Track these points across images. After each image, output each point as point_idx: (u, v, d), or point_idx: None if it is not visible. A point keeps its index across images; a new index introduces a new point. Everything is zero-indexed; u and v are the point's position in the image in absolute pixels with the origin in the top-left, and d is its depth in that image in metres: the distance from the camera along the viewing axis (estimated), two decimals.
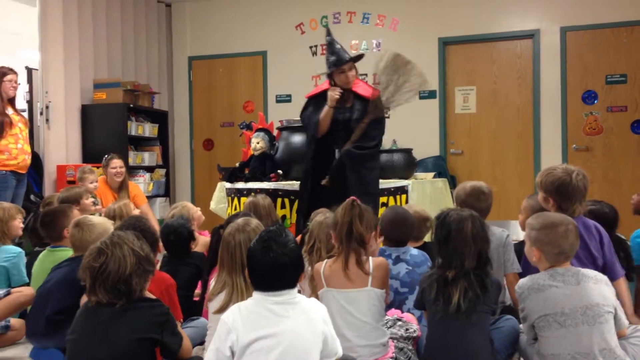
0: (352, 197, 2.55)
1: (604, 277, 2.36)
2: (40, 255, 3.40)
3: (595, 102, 6.58)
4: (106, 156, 5.52)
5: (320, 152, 4.14)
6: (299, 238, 3.31)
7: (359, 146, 3.94)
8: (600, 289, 2.29)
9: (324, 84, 4.22)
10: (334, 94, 4.00)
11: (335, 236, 2.55)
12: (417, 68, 4.07)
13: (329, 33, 4.13)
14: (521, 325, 2.52)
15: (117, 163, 5.45)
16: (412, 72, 4.04)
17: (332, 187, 3.93)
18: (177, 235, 3.39)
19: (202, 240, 3.99)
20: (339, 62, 4.00)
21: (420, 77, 4.06)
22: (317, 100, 4.17)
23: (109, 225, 3.05)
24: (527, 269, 2.75)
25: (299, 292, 2.09)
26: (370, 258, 2.53)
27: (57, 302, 2.81)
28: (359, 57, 4.08)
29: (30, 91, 6.28)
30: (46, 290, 2.89)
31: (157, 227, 3.50)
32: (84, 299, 2.74)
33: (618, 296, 2.71)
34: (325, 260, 2.56)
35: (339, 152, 4.02)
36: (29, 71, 6.29)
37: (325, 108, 4.04)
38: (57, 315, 2.80)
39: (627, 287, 2.82)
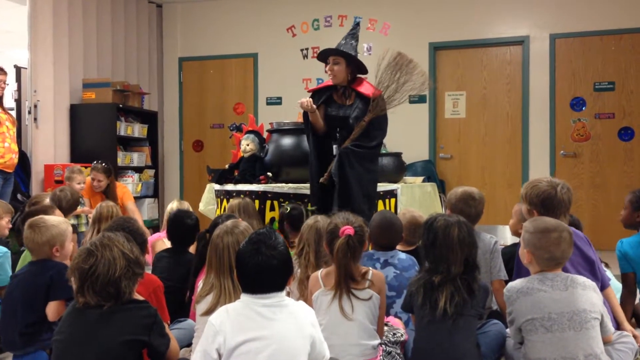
0: (347, 233, 2.43)
1: (592, 284, 2.38)
2: (22, 256, 3.33)
3: (584, 108, 6.63)
4: (94, 162, 5.49)
5: (320, 150, 4.05)
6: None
7: (357, 145, 3.86)
8: (588, 295, 2.31)
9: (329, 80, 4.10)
10: (303, 102, 3.89)
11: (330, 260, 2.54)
12: (419, 67, 4.03)
13: (354, 27, 4.09)
14: (508, 330, 2.54)
15: (97, 176, 5.39)
16: (414, 71, 4.00)
17: (332, 185, 3.84)
18: (184, 221, 3.40)
19: None
20: (323, 52, 3.99)
21: (422, 76, 4.01)
22: (318, 94, 4.07)
23: (65, 226, 2.94)
24: (519, 272, 2.77)
25: (288, 294, 2.09)
26: (370, 269, 2.53)
27: (26, 314, 2.75)
28: (347, 54, 3.93)
29: (19, 90, 6.25)
30: (12, 301, 2.79)
31: (144, 227, 3.49)
32: (49, 308, 2.73)
33: (609, 304, 2.75)
34: (322, 270, 2.56)
35: (337, 150, 3.93)
36: (18, 70, 6.26)
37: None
38: (30, 327, 2.75)
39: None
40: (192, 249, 3.60)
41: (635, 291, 3.21)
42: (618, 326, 2.75)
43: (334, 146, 4.00)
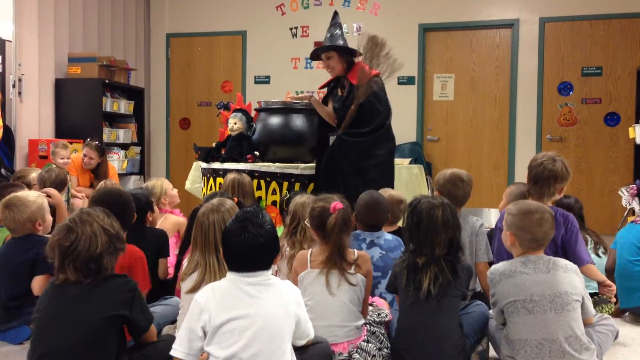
0: (339, 207, 2.48)
1: (574, 267, 2.41)
2: None
3: (571, 93, 6.66)
4: (88, 139, 5.43)
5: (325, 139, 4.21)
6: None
7: (350, 132, 3.88)
8: (570, 277, 2.34)
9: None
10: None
11: (320, 240, 2.55)
12: (385, 50, 4.00)
13: (334, 17, 4.12)
14: (491, 311, 2.57)
15: (89, 153, 5.31)
16: (381, 54, 3.99)
17: (329, 173, 3.86)
18: (135, 202, 3.33)
19: (173, 220, 3.96)
20: (315, 52, 4.17)
21: (393, 61, 4.00)
22: (328, 87, 4.32)
23: (41, 200, 2.95)
24: (500, 254, 2.80)
25: (275, 273, 2.09)
26: (356, 251, 2.55)
27: (8, 288, 2.76)
28: (336, 47, 4.01)
29: (3, 63, 6.14)
30: None
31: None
32: (35, 283, 2.72)
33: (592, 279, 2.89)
34: (311, 250, 2.56)
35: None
36: (2, 43, 6.14)
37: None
38: (13, 301, 2.76)
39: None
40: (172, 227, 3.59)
41: (611, 266, 3.49)
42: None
43: (330, 137, 4.07)
